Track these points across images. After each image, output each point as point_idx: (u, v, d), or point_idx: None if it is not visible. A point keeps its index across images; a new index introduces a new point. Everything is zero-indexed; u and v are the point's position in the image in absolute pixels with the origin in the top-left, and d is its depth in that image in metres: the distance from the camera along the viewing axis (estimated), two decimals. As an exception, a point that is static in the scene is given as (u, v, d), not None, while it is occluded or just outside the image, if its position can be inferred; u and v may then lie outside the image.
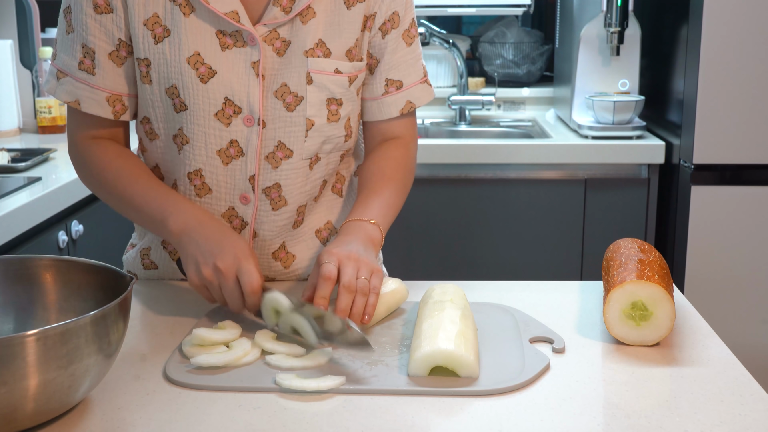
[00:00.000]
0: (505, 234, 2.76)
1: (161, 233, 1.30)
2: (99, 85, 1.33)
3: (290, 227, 1.42)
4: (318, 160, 1.40)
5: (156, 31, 1.30)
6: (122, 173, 1.34)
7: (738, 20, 2.43)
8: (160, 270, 1.46)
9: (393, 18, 1.39)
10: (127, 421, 0.98)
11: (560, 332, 1.21)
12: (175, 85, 1.31)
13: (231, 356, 1.10)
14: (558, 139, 2.77)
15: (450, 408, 1.00)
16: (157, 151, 1.38)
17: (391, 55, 1.41)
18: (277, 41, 1.31)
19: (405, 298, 1.29)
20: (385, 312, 1.26)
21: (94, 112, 1.34)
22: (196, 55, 1.29)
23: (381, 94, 1.43)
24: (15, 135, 2.75)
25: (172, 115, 1.34)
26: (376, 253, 1.29)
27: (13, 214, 1.88)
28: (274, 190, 1.37)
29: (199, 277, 1.22)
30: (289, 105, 1.33)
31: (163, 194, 1.31)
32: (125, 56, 1.33)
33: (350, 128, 1.42)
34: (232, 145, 1.34)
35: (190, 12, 1.29)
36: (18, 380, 0.88)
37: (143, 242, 1.48)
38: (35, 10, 2.82)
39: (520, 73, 3.41)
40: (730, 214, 2.52)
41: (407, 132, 1.47)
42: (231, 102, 1.31)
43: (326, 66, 1.34)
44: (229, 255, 1.21)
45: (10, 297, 1.10)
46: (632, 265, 1.20)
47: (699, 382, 1.07)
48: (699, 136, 2.50)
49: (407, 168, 1.45)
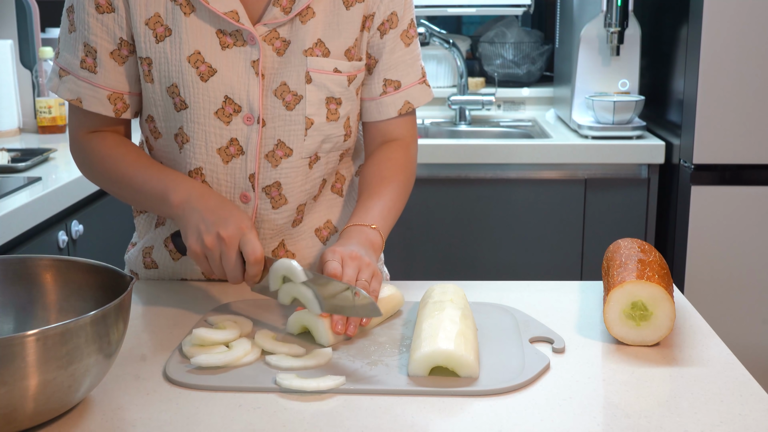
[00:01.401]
0: (505, 234, 2.76)
1: (162, 209, 1.31)
2: (100, 84, 1.34)
3: (290, 226, 1.42)
4: (318, 159, 1.40)
5: (157, 30, 1.31)
6: (121, 159, 1.36)
7: (738, 20, 2.43)
8: (160, 270, 1.46)
9: (391, 18, 1.39)
10: (127, 421, 0.98)
11: (560, 332, 1.21)
12: (175, 83, 1.32)
13: (231, 356, 1.10)
14: (558, 139, 2.77)
15: (450, 408, 1.00)
16: (162, 149, 1.40)
17: (389, 55, 1.41)
18: (277, 41, 1.32)
19: (400, 304, 1.29)
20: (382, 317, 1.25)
21: (96, 109, 1.35)
22: (197, 54, 1.30)
23: (379, 95, 1.43)
24: (15, 135, 2.75)
25: (173, 114, 1.35)
26: (376, 258, 1.29)
27: (13, 214, 1.88)
28: (274, 189, 1.38)
29: (200, 245, 1.22)
30: (288, 104, 1.34)
31: (162, 171, 1.33)
32: (126, 55, 1.34)
33: (350, 128, 1.42)
34: (232, 143, 1.34)
35: (190, 12, 1.30)
36: (18, 380, 0.88)
37: (144, 241, 1.49)
38: (35, 10, 2.82)
39: (520, 73, 3.41)
40: (730, 214, 2.52)
41: (407, 133, 1.47)
42: (231, 100, 1.32)
43: (325, 65, 1.34)
44: (233, 225, 1.21)
45: (10, 297, 1.10)
46: (632, 265, 1.20)
47: (699, 382, 1.07)
48: (699, 136, 2.50)
49: (408, 170, 1.45)
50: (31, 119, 2.89)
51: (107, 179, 1.38)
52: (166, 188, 1.30)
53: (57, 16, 3.32)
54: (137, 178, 1.34)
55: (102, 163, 1.37)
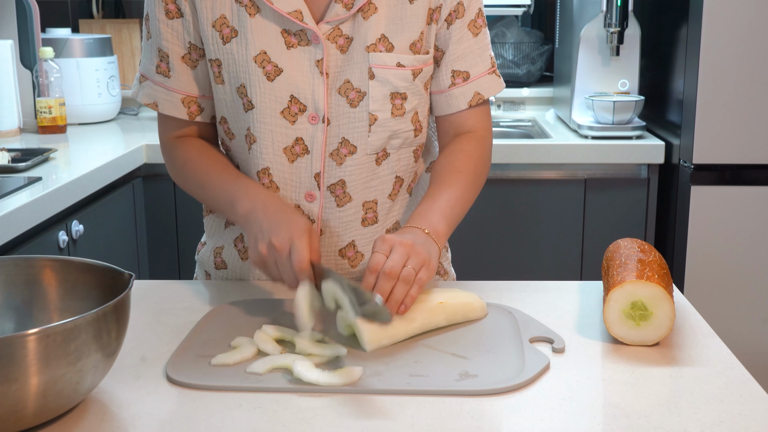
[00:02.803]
0: (504, 234, 2.76)
1: (232, 217, 1.35)
2: (174, 87, 1.39)
3: (358, 224, 1.41)
4: (387, 156, 1.40)
5: (224, 32, 1.33)
6: (201, 165, 1.40)
7: (738, 20, 2.43)
8: (228, 270, 1.47)
9: (458, 8, 1.38)
10: (127, 421, 0.98)
11: (560, 332, 1.21)
12: (243, 84, 1.34)
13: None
14: (558, 139, 2.77)
15: (450, 408, 1.00)
16: (235, 150, 1.42)
17: (456, 46, 1.40)
18: (340, 38, 1.33)
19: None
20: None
21: (170, 113, 1.40)
22: (263, 54, 1.32)
23: (448, 87, 1.42)
24: (15, 135, 2.75)
25: (242, 115, 1.37)
26: (438, 248, 1.27)
27: (13, 214, 1.88)
28: (338, 187, 1.38)
29: (256, 253, 1.24)
30: (352, 101, 1.34)
31: (234, 179, 1.36)
32: (197, 59, 1.38)
33: (419, 122, 1.41)
34: (297, 142, 1.36)
35: (255, 12, 1.32)
36: (18, 380, 0.88)
37: (214, 241, 1.50)
38: (35, 10, 2.82)
39: (520, 73, 3.41)
40: (730, 214, 2.52)
41: (480, 125, 1.45)
42: (296, 100, 1.33)
43: (388, 60, 1.34)
44: (285, 232, 1.22)
45: (10, 297, 1.10)
46: (632, 265, 1.20)
47: (699, 382, 1.07)
48: (699, 136, 2.50)
49: (479, 161, 1.43)
50: (32, 119, 2.89)
51: (189, 184, 1.43)
52: (234, 197, 1.33)
53: (57, 16, 3.33)
54: (212, 184, 1.37)
55: (184, 168, 1.42)
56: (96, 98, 2.99)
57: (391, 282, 1.16)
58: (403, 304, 1.17)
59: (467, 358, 1.12)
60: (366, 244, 1.43)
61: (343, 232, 1.41)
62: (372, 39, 1.33)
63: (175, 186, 2.70)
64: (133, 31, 3.31)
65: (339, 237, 1.41)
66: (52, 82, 2.78)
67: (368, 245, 1.43)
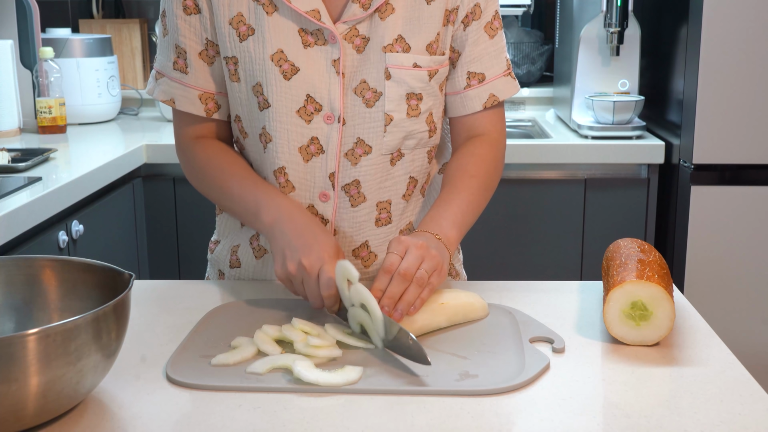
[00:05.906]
0: (504, 234, 2.76)
1: (256, 226, 1.35)
2: (191, 84, 1.38)
3: (372, 224, 1.41)
4: (401, 156, 1.39)
5: (240, 29, 1.33)
6: (221, 169, 1.39)
7: (738, 20, 2.43)
8: (242, 268, 1.47)
9: (474, 10, 1.38)
10: (127, 422, 0.98)
11: (560, 332, 1.21)
12: (259, 82, 1.34)
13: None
14: (558, 139, 2.77)
15: (450, 408, 1.00)
16: (249, 149, 1.42)
17: (472, 47, 1.40)
18: (357, 38, 1.33)
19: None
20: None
21: (187, 109, 1.39)
22: (280, 53, 1.32)
23: (463, 88, 1.42)
24: (15, 135, 2.75)
25: (257, 114, 1.36)
26: (450, 254, 1.27)
27: (13, 214, 1.88)
28: (353, 187, 1.38)
29: (284, 270, 1.24)
30: (368, 101, 1.34)
31: (257, 186, 1.35)
32: (213, 56, 1.38)
33: (434, 123, 1.41)
34: (312, 142, 1.35)
35: (273, 11, 1.32)
36: (18, 380, 0.88)
37: (230, 239, 1.49)
38: (35, 10, 2.82)
39: (520, 73, 3.41)
40: (730, 214, 2.52)
41: (493, 128, 1.45)
42: (312, 99, 1.33)
43: (404, 61, 1.34)
44: (315, 254, 1.22)
45: (10, 297, 1.10)
46: (632, 265, 1.20)
47: (699, 382, 1.07)
48: (699, 136, 2.50)
49: (491, 165, 1.43)
50: (32, 119, 2.89)
51: (208, 188, 1.42)
52: (258, 206, 1.32)
53: (57, 16, 3.33)
54: (233, 190, 1.36)
55: (202, 172, 1.41)
56: (96, 98, 3.00)
57: (405, 283, 1.17)
58: (413, 306, 1.18)
59: (467, 358, 1.12)
60: (380, 244, 1.43)
61: (357, 232, 1.41)
62: (389, 39, 1.33)
63: (175, 186, 2.70)
64: (133, 31, 3.31)
65: (353, 237, 1.41)
66: (52, 82, 2.78)
67: (382, 245, 1.43)
